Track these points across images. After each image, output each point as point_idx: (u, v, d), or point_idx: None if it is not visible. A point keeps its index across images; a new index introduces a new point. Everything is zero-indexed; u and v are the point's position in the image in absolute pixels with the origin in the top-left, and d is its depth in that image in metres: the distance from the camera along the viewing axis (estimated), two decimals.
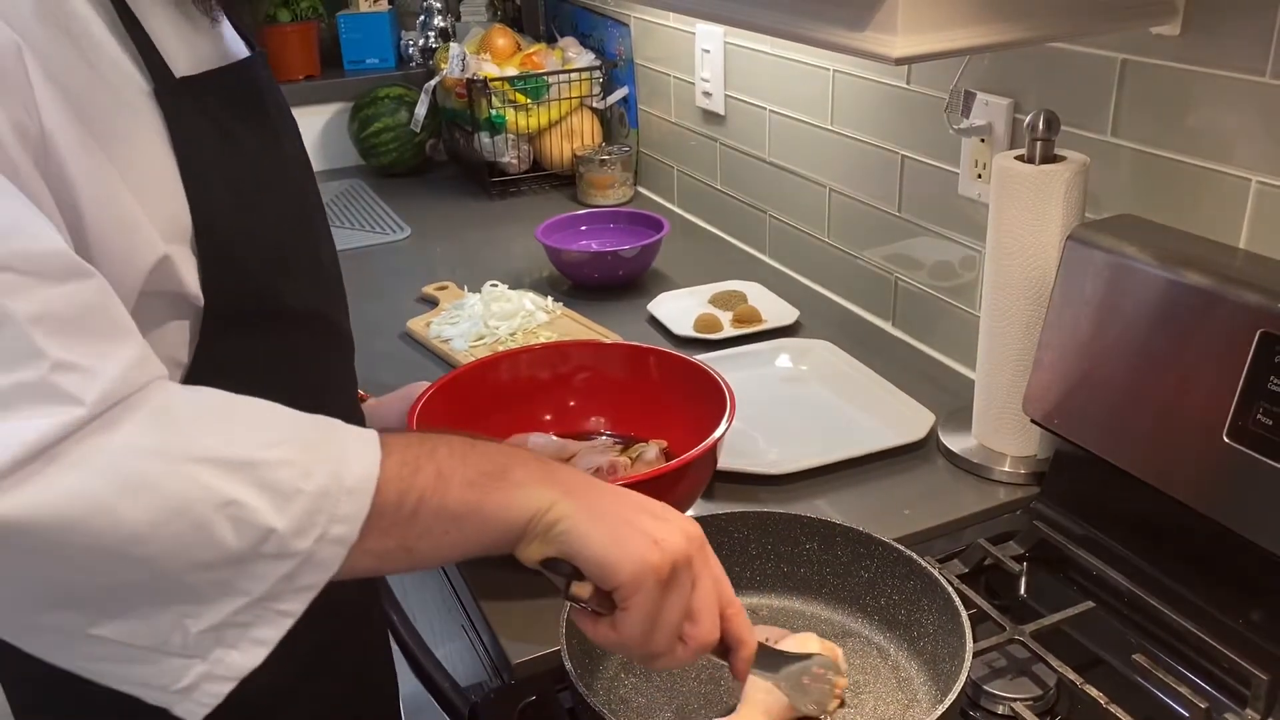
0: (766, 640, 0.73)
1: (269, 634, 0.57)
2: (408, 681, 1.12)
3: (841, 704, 0.80)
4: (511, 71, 2.09)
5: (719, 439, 1.00)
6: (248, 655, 0.57)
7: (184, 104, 0.69)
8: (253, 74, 0.78)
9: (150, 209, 0.65)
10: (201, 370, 0.71)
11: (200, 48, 0.74)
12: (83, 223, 0.60)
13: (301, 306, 0.80)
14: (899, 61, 0.85)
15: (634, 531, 0.63)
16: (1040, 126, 1.03)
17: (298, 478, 0.54)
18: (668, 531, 0.64)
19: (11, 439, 0.49)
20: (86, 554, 0.51)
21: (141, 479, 0.51)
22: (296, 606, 0.56)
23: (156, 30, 0.70)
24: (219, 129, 0.73)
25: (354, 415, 0.95)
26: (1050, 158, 1.04)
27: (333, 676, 0.93)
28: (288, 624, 0.57)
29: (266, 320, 0.76)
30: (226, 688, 0.57)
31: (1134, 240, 0.97)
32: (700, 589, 0.66)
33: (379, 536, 0.57)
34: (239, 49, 0.79)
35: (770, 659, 0.75)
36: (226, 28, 0.80)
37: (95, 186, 0.61)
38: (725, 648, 0.70)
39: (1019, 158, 1.05)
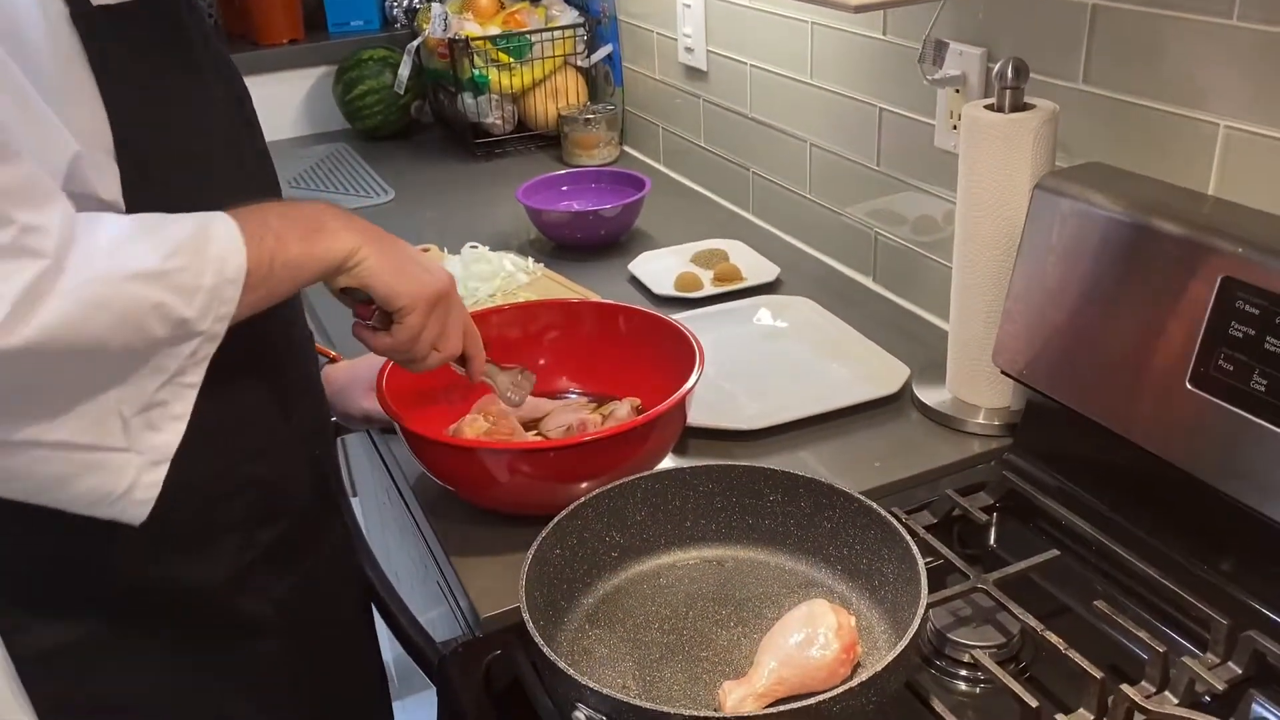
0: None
1: (181, 408, 0.72)
2: (398, 646, 1.13)
3: (858, 665, 0.80)
4: (494, 30, 2.07)
5: (685, 394, 0.99)
6: (170, 432, 0.72)
7: (101, 27, 0.72)
8: (174, 12, 0.80)
9: (65, 114, 0.71)
10: None
11: None
12: None
13: None
14: (858, 9, 0.84)
15: (413, 269, 0.86)
16: (1009, 75, 1.02)
17: (195, 278, 0.70)
18: (436, 271, 0.89)
19: (8, 291, 0.63)
20: (70, 361, 0.66)
21: (97, 300, 0.66)
22: (197, 378, 0.72)
23: None
24: (138, 56, 0.76)
25: (299, 351, 0.98)
26: (1020, 106, 1.03)
27: (312, 615, 0.96)
28: (193, 395, 0.72)
29: None
30: (159, 474, 0.72)
31: (1100, 188, 0.97)
32: (452, 316, 0.91)
33: (248, 296, 0.74)
34: None
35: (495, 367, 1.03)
36: None
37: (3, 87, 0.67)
38: (463, 360, 0.96)
39: (989, 107, 1.04)
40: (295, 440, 0.93)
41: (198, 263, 0.71)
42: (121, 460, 0.70)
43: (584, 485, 0.93)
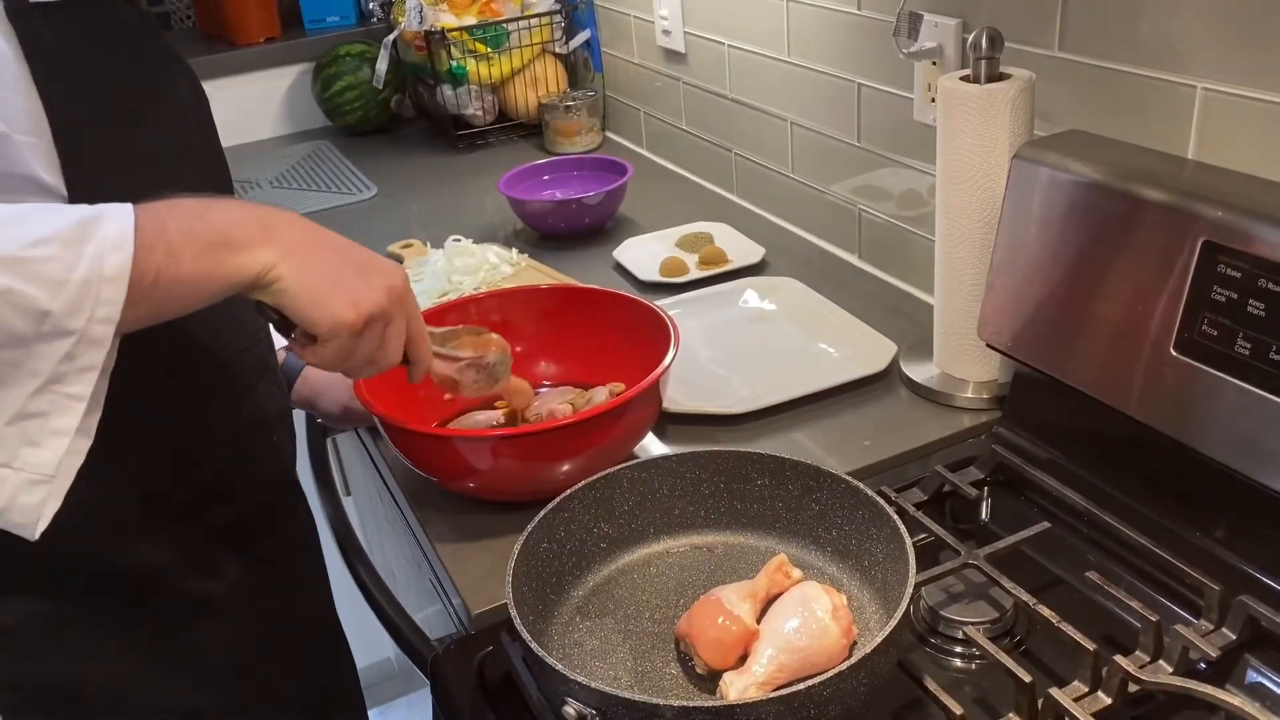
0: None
1: (65, 422, 0.65)
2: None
3: (854, 646, 0.79)
4: (470, 21, 2.05)
5: (655, 378, 0.99)
6: (51, 449, 0.65)
7: (38, 24, 0.72)
8: (113, 12, 0.80)
9: None
10: None
11: None
12: None
13: None
14: None
15: (338, 292, 0.75)
16: (984, 45, 1.01)
17: (63, 270, 0.63)
18: (368, 291, 0.77)
19: None
20: None
21: None
22: (82, 389, 0.65)
23: None
24: (73, 49, 0.76)
25: (250, 335, 0.95)
26: (995, 76, 1.02)
27: (268, 603, 0.97)
28: (80, 409, 0.65)
29: None
30: (41, 494, 0.65)
31: (1079, 156, 0.96)
32: (393, 328, 0.80)
33: (132, 308, 0.66)
34: None
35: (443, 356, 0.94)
36: None
37: None
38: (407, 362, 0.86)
39: (964, 78, 1.03)
40: (251, 426, 0.93)
41: (69, 255, 0.64)
42: None
43: (565, 469, 0.94)
